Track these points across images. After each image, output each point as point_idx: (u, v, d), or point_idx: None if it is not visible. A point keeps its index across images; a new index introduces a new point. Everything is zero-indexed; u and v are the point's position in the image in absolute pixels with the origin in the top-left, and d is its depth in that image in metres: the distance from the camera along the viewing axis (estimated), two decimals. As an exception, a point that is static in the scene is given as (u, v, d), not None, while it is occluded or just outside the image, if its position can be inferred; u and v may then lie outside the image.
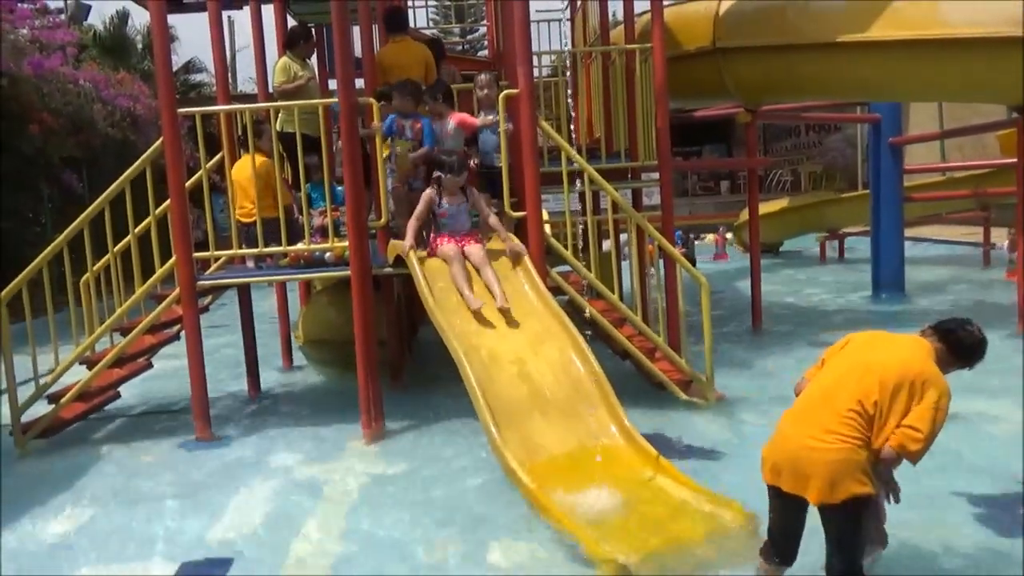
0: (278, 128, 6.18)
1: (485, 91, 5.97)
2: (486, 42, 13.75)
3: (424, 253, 5.44)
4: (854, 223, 14.82)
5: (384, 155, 5.78)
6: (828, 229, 15.76)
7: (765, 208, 13.81)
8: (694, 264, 8.79)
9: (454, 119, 5.85)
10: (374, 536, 3.83)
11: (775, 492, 2.84)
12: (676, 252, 6.11)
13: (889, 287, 10.42)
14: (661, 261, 6.53)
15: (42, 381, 5.65)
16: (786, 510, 2.84)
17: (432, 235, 5.55)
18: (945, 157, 17.91)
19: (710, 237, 18.21)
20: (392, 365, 6.42)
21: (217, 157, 6.41)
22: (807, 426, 2.75)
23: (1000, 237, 13.51)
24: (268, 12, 7.60)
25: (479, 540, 3.69)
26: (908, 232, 11.35)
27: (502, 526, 3.80)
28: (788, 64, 7.68)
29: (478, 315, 4.98)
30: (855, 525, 2.71)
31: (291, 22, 7.83)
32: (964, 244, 15.29)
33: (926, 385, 2.69)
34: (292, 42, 6.58)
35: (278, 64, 6.42)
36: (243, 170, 5.92)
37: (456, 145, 5.83)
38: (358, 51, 6.34)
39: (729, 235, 17.56)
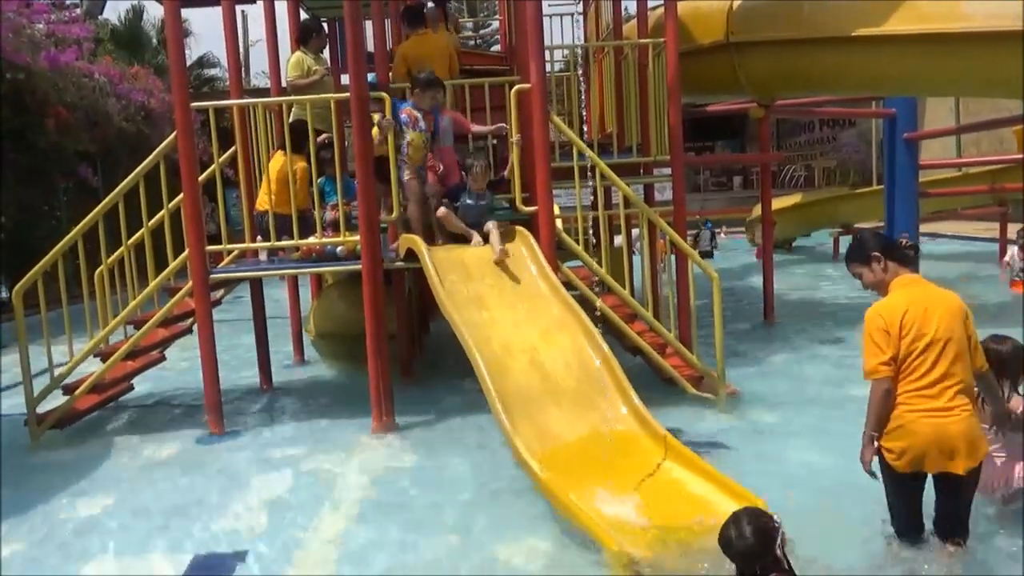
0: (290, 121, 6.19)
1: (476, 183, 5.70)
2: (499, 37, 13.71)
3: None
4: (868, 219, 14.70)
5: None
6: (842, 225, 15.66)
7: (778, 204, 13.75)
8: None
9: (447, 115, 5.89)
10: (385, 530, 3.84)
11: (911, 477, 3.04)
12: (688, 247, 6.08)
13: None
14: (673, 256, 6.50)
15: (57, 372, 5.70)
16: (919, 491, 3.10)
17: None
18: (961, 152, 17.76)
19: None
20: (402, 359, 6.44)
21: (231, 151, 6.44)
22: (938, 408, 2.97)
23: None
24: (281, 6, 7.62)
25: (490, 534, 3.69)
26: (923, 228, 11.27)
27: (513, 520, 3.80)
28: (802, 59, 7.62)
29: (489, 306, 4.98)
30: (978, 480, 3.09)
31: (304, 16, 7.85)
32: (980, 240, 15.15)
33: (968, 312, 3.07)
34: (305, 36, 6.59)
35: (291, 59, 6.42)
36: (271, 165, 5.97)
37: (447, 141, 5.86)
38: (370, 46, 6.34)
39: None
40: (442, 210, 5.62)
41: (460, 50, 7.86)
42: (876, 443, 3.07)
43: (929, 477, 3.08)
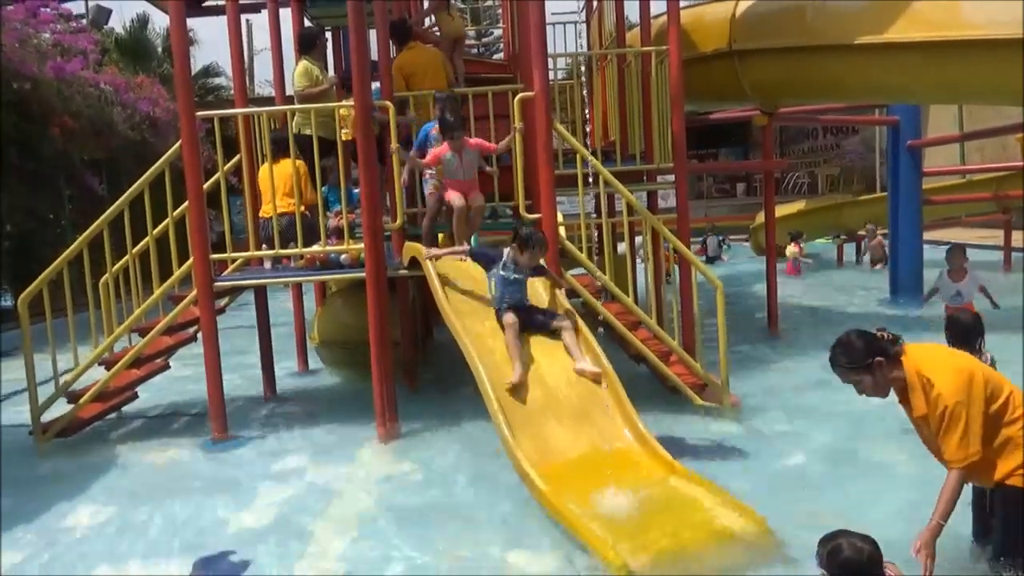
0: (295, 131, 6.22)
1: (531, 259, 4.77)
2: (502, 45, 13.77)
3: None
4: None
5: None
6: (846, 232, 15.64)
7: (782, 211, 13.73)
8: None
9: (470, 145, 5.65)
10: (387, 536, 3.83)
11: None
12: (691, 254, 6.08)
13: (907, 291, 10.30)
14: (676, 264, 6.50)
15: (61, 381, 5.71)
16: None
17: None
18: (964, 159, 17.74)
19: (791, 249, 14.53)
20: (406, 367, 6.44)
21: (235, 159, 6.47)
22: None
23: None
24: (286, 15, 7.66)
25: (491, 542, 3.69)
26: (927, 235, 11.24)
27: (514, 528, 3.80)
28: (806, 66, 7.63)
29: (492, 317, 4.98)
30: None
31: (308, 25, 7.88)
32: (984, 247, 15.10)
33: None
34: (308, 45, 6.61)
35: (298, 68, 6.42)
36: (276, 171, 6.01)
37: (469, 175, 5.64)
38: (374, 54, 6.37)
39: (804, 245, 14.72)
40: (510, 318, 4.69)
41: (464, 35, 8.12)
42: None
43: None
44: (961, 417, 2.81)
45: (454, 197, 5.60)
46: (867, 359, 2.91)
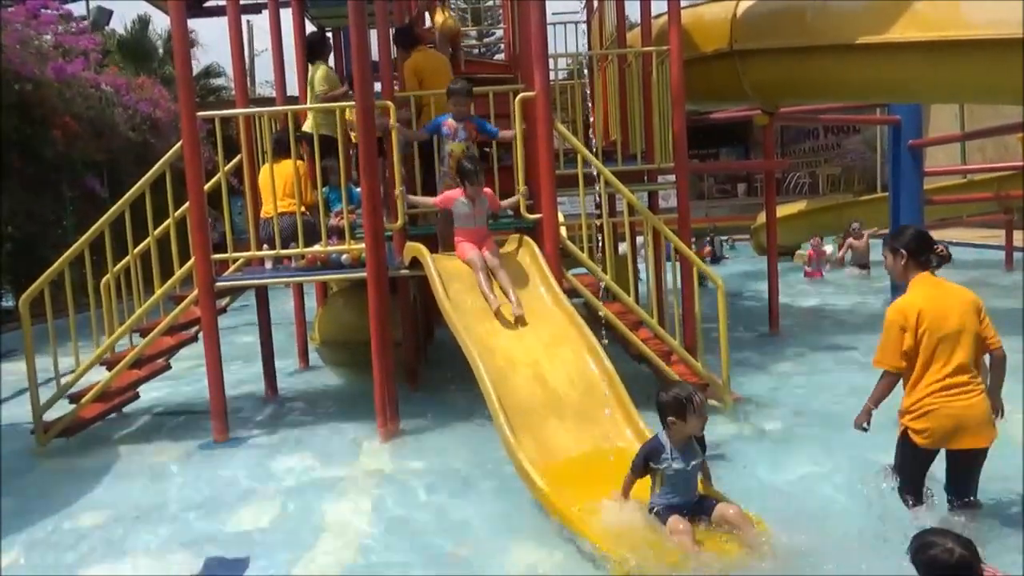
0: (311, 130, 6.19)
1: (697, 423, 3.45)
2: (503, 45, 13.77)
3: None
4: (873, 226, 14.68)
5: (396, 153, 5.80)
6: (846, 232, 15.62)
7: (783, 211, 13.73)
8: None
9: (485, 194, 5.58)
10: (388, 536, 3.84)
11: (928, 452, 3.40)
12: (692, 254, 6.07)
13: (909, 291, 10.28)
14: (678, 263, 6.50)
15: (63, 381, 5.72)
16: (930, 463, 3.43)
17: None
18: (966, 159, 17.74)
19: (799, 253, 14.37)
20: (407, 366, 6.45)
21: (236, 160, 6.47)
22: (960, 394, 3.32)
23: None
24: (287, 16, 7.67)
25: (493, 541, 3.69)
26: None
27: (516, 527, 3.80)
28: (806, 66, 7.63)
29: (493, 317, 4.98)
30: None
31: (309, 26, 7.89)
32: (985, 247, 15.10)
33: (980, 305, 3.46)
34: (323, 50, 6.67)
35: (320, 73, 6.40)
36: (276, 172, 6.03)
37: (481, 222, 5.53)
38: (375, 55, 6.38)
39: (829, 248, 14.20)
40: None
41: (460, 31, 8.53)
42: (871, 413, 3.52)
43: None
44: (887, 329, 3.43)
45: (468, 252, 5.41)
46: (898, 245, 3.53)
